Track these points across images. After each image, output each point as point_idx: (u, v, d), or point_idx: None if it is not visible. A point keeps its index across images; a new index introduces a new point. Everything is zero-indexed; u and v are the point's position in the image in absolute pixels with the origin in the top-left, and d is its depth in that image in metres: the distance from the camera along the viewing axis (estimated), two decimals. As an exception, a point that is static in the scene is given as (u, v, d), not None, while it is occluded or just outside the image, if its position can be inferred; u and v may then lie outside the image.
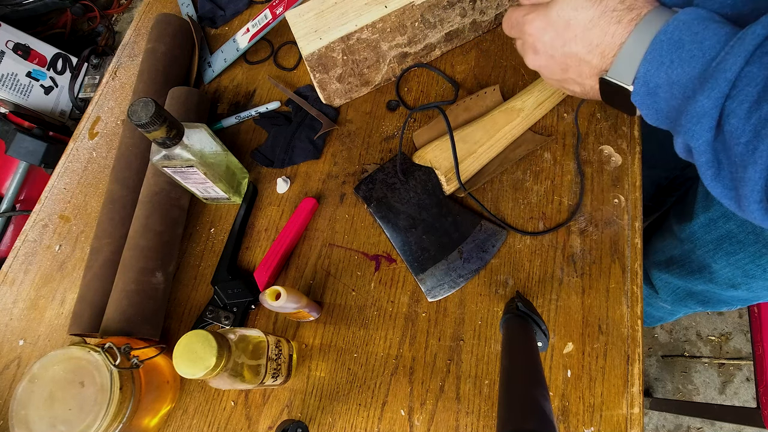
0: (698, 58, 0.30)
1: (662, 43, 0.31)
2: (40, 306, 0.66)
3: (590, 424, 0.48)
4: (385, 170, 0.61)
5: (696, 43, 0.30)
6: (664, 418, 1.22)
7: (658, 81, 0.32)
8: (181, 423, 0.55)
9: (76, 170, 0.75)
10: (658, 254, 0.76)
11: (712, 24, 0.30)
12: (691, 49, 0.30)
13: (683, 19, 0.31)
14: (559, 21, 0.37)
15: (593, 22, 0.35)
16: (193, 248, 0.64)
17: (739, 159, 0.28)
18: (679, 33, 0.30)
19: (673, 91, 0.31)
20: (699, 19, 0.30)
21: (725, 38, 0.29)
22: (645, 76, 0.32)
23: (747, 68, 0.28)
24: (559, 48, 0.38)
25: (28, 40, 1.65)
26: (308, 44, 0.59)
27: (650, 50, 0.31)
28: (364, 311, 0.56)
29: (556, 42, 0.38)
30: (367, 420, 0.52)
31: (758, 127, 0.27)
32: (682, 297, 0.78)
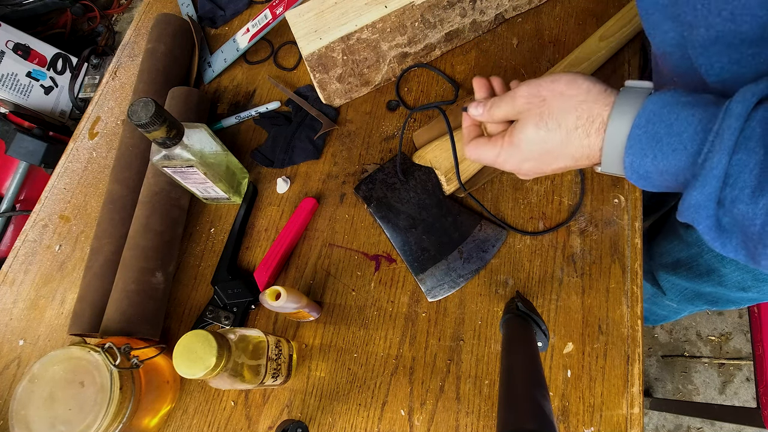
0: (680, 151, 0.31)
1: (639, 138, 0.32)
2: (40, 306, 0.66)
3: (590, 424, 0.48)
4: (385, 170, 0.61)
5: (674, 135, 0.31)
6: (664, 418, 1.22)
7: (647, 169, 0.33)
8: (181, 423, 0.55)
9: (76, 170, 0.74)
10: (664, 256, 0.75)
11: (683, 111, 0.31)
12: (671, 143, 0.31)
13: (651, 109, 0.32)
14: (532, 152, 0.39)
15: (564, 143, 0.36)
16: (193, 248, 0.64)
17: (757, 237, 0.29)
18: (653, 126, 0.31)
19: (664, 176, 0.33)
20: (667, 106, 0.31)
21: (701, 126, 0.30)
22: (632, 166, 0.33)
23: (735, 157, 0.28)
24: (547, 167, 0.40)
25: (28, 40, 1.65)
26: (308, 44, 0.59)
27: (629, 145, 0.33)
28: (364, 311, 0.56)
29: (541, 166, 0.40)
30: (367, 420, 0.52)
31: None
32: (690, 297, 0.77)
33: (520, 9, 0.67)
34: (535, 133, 0.37)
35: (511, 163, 0.41)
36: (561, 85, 0.37)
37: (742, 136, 0.28)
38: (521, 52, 0.65)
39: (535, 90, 0.38)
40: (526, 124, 0.38)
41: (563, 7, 0.67)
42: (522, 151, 0.39)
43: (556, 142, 0.37)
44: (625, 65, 0.61)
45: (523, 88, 0.39)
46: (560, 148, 0.37)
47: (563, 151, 0.37)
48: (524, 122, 0.38)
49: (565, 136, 0.36)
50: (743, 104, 0.29)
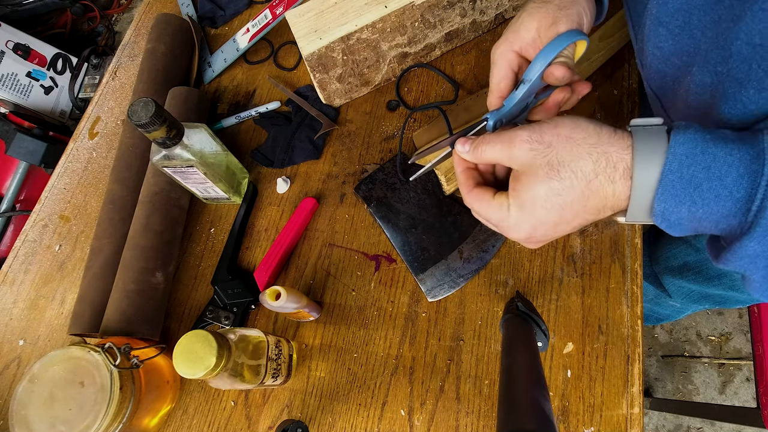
0: (725, 198, 0.28)
1: (673, 183, 0.29)
2: (40, 306, 0.66)
3: (590, 424, 0.48)
4: (385, 170, 0.61)
5: (714, 180, 0.28)
6: (664, 418, 1.22)
7: (680, 216, 0.30)
8: (181, 423, 0.55)
9: (76, 170, 0.74)
10: (670, 260, 0.74)
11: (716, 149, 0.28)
12: (713, 188, 0.28)
13: (681, 152, 0.28)
14: (550, 213, 0.33)
15: (585, 195, 0.32)
16: (193, 248, 0.64)
17: None
18: (689, 170, 0.28)
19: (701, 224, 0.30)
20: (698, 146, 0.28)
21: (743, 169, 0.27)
22: (663, 214, 0.30)
23: None
24: (566, 228, 0.34)
25: (28, 40, 1.65)
26: (308, 44, 0.59)
27: (661, 191, 0.29)
28: (364, 311, 0.56)
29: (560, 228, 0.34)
30: (367, 420, 0.52)
31: None
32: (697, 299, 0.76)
33: (520, 9, 0.67)
34: (548, 188, 0.32)
35: (522, 229, 0.35)
36: (566, 130, 0.32)
37: None
38: (521, 52, 0.65)
39: (537, 134, 0.33)
40: (535, 178, 0.32)
41: (563, 7, 0.67)
42: (534, 212, 0.33)
43: (575, 194, 0.32)
44: (625, 65, 0.61)
45: (523, 132, 0.33)
46: (581, 200, 0.32)
47: (585, 204, 0.32)
48: (531, 176, 0.33)
49: (585, 186, 0.31)
50: None
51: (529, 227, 0.34)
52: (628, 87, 0.60)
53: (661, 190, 0.29)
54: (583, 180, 0.31)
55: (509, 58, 0.40)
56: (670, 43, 0.37)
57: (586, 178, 0.31)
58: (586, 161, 0.31)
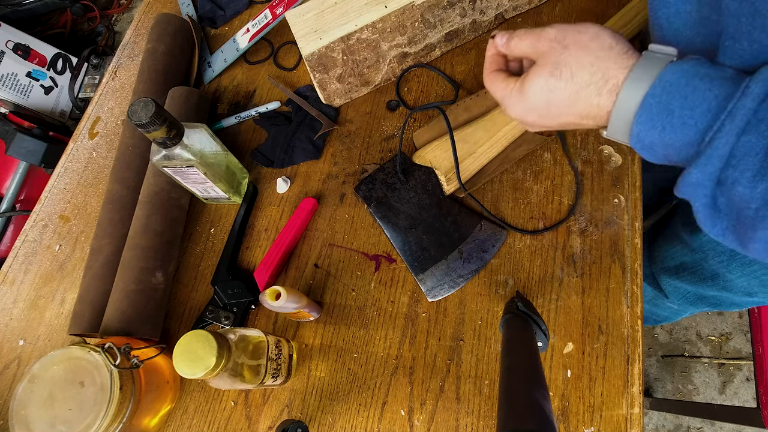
0: (690, 126, 0.30)
1: (651, 107, 0.31)
2: (40, 306, 0.66)
3: (590, 424, 0.48)
4: (385, 170, 0.61)
5: (686, 109, 0.30)
6: (664, 418, 1.22)
7: (653, 140, 0.32)
8: (181, 423, 0.55)
9: (76, 170, 0.75)
10: (667, 260, 0.74)
11: (700, 83, 0.30)
12: (682, 116, 0.30)
13: (669, 79, 0.31)
14: (539, 104, 0.38)
15: (573, 98, 0.35)
16: (193, 248, 0.64)
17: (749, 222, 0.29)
18: (668, 97, 0.30)
19: (668, 150, 0.32)
20: (685, 77, 0.30)
21: (716, 104, 0.29)
22: (638, 135, 0.33)
23: (744, 138, 0.28)
24: (551, 122, 0.39)
25: (28, 40, 1.65)
26: (308, 44, 0.59)
27: (640, 113, 0.32)
28: (364, 311, 0.56)
29: (545, 120, 0.39)
30: (367, 420, 0.52)
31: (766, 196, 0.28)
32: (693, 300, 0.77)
33: (520, 9, 0.67)
34: (545, 82, 0.36)
35: (517, 109, 0.40)
36: (586, 37, 0.35)
37: (755, 117, 0.28)
38: (521, 52, 0.65)
39: (562, 35, 0.36)
40: (540, 72, 0.37)
41: (563, 7, 0.67)
42: (528, 100, 0.38)
43: (564, 95, 0.36)
44: (625, 65, 0.61)
45: (552, 30, 0.37)
46: (568, 102, 0.36)
47: (570, 108, 0.36)
48: (539, 69, 0.37)
49: (576, 91, 0.35)
50: (763, 85, 0.28)
51: (522, 110, 0.39)
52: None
53: (640, 112, 0.32)
54: (575, 85, 0.35)
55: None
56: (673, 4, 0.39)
57: (578, 85, 0.35)
58: (586, 70, 0.34)
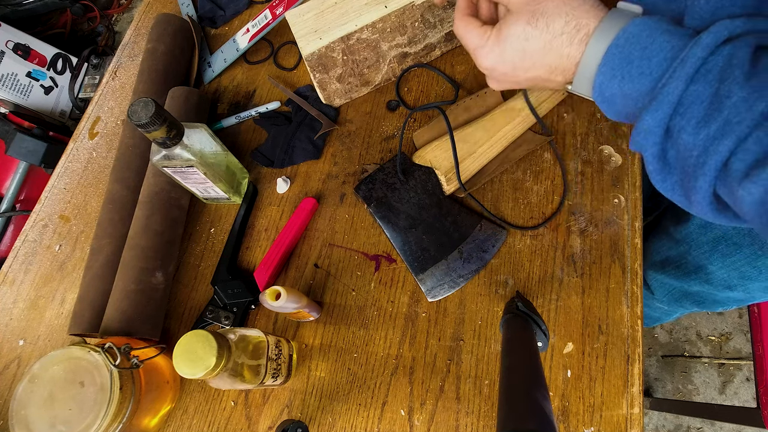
0: (646, 75, 0.31)
1: (613, 57, 0.32)
2: (40, 306, 0.66)
3: (590, 424, 0.48)
4: (385, 170, 0.61)
5: (644, 59, 0.31)
6: (664, 418, 1.22)
7: (613, 91, 0.33)
8: (181, 423, 0.55)
9: (76, 170, 0.75)
10: (654, 255, 0.76)
11: (660, 36, 0.31)
12: (640, 65, 0.31)
13: (632, 31, 0.32)
14: (514, 53, 0.37)
15: (546, 48, 0.36)
16: (193, 248, 0.64)
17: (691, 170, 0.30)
18: (629, 47, 0.31)
19: (626, 101, 0.33)
20: (647, 29, 0.31)
21: (671, 54, 0.30)
22: (600, 87, 0.33)
23: (692, 87, 0.29)
24: (521, 75, 0.39)
25: (28, 40, 1.65)
26: (308, 44, 0.59)
27: (603, 63, 0.33)
28: (364, 311, 0.56)
29: (517, 72, 0.39)
30: (367, 420, 0.52)
31: (707, 143, 0.29)
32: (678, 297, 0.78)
33: (520, 9, 0.67)
34: (523, 30, 0.36)
35: (490, 59, 0.39)
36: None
37: (704, 67, 0.29)
38: (521, 52, 0.65)
39: None
40: (518, 19, 0.37)
41: (563, 7, 0.67)
42: (504, 48, 0.37)
43: (539, 44, 0.36)
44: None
45: None
46: (540, 52, 0.36)
47: (542, 58, 0.36)
48: (516, 17, 0.37)
49: (549, 40, 0.35)
50: (713, 36, 0.29)
51: (495, 60, 0.39)
52: (628, 87, 0.60)
53: (603, 62, 0.33)
54: (550, 34, 0.35)
55: None
56: None
57: (552, 34, 0.35)
58: (561, 19, 0.35)
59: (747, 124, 0.27)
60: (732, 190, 0.28)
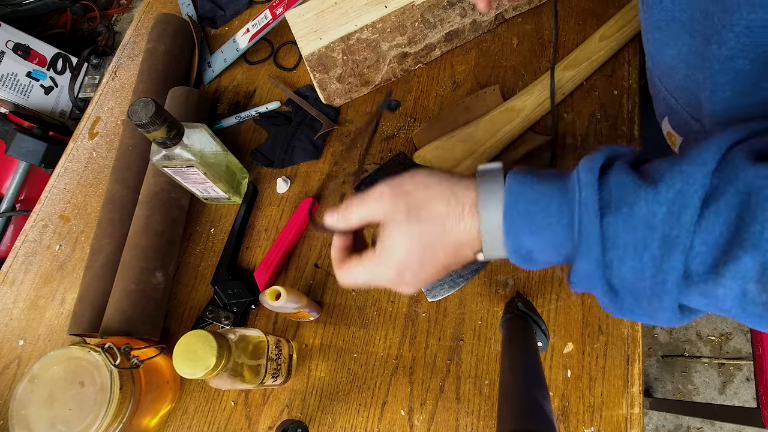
0: (554, 225, 0.31)
1: (513, 218, 0.32)
2: (40, 306, 0.66)
3: (590, 424, 0.48)
4: (385, 170, 0.61)
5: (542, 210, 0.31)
6: (664, 418, 1.22)
7: (528, 247, 0.32)
8: (181, 423, 0.55)
9: (76, 170, 0.75)
10: None
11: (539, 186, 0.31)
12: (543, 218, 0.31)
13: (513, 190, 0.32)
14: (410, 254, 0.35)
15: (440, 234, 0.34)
16: (193, 248, 0.64)
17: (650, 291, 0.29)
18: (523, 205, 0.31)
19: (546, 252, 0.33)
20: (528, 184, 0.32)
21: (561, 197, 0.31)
22: (514, 247, 0.33)
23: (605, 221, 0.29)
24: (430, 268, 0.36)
25: (28, 40, 1.65)
26: (308, 44, 0.59)
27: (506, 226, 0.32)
28: (364, 311, 0.56)
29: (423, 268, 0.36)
30: (367, 420, 0.52)
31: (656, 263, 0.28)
32: None
33: (520, 9, 0.67)
34: (408, 231, 0.34)
35: (389, 275, 0.36)
36: (421, 177, 0.35)
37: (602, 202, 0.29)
38: (521, 52, 0.65)
39: (398, 185, 0.36)
40: (396, 224, 0.35)
41: (563, 7, 0.67)
42: (396, 256, 0.35)
43: (434, 235, 0.34)
44: (625, 65, 0.61)
45: (383, 186, 0.36)
46: (440, 240, 0.34)
47: (443, 243, 0.34)
48: (393, 222, 0.35)
49: (441, 225, 0.34)
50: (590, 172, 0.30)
51: (395, 271, 0.36)
52: (628, 87, 0.60)
53: (505, 225, 0.32)
54: (438, 220, 0.34)
55: None
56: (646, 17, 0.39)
57: (441, 218, 0.34)
58: (440, 202, 0.34)
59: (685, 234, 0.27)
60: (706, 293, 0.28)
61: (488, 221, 0.33)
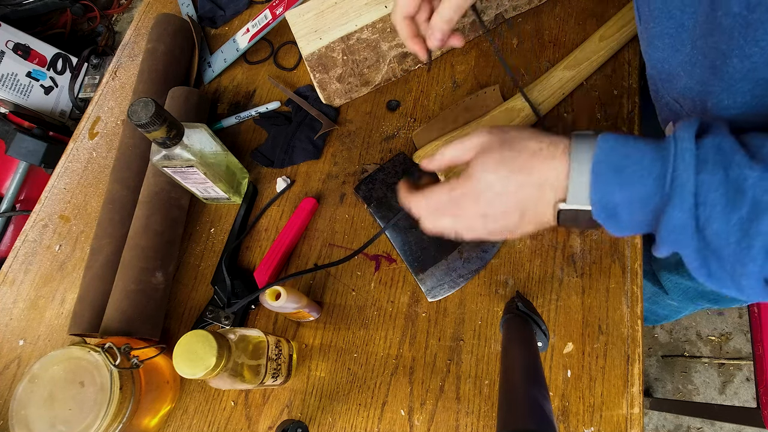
0: (646, 177, 0.31)
1: (603, 171, 0.32)
2: (40, 306, 0.66)
3: (590, 424, 0.48)
4: (385, 170, 0.61)
5: (635, 164, 0.32)
6: (664, 418, 1.22)
7: (615, 202, 0.33)
8: (181, 423, 0.55)
9: (76, 170, 0.75)
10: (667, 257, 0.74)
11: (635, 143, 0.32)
12: (635, 170, 0.31)
13: (606, 146, 0.32)
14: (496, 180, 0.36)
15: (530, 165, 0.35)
16: (193, 248, 0.64)
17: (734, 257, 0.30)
18: (614, 157, 0.32)
19: (633, 207, 0.33)
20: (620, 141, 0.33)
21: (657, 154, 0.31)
22: (600, 201, 0.33)
23: (700, 177, 0.29)
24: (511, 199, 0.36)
25: (28, 40, 1.65)
26: (308, 44, 0.59)
27: (594, 178, 0.33)
28: (364, 311, 0.56)
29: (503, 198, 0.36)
30: (367, 420, 0.52)
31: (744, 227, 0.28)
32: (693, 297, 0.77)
33: (520, 9, 0.67)
34: (500, 155, 0.36)
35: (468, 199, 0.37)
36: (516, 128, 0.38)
37: (699, 158, 0.30)
38: (521, 52, 0.65)
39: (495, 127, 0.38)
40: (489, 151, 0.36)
41: (563, 7, 0.67)
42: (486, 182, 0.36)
43: (521, 162, 0.35)
44: (625, 65, 0.61)
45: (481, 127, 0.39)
46: (526, 169, 0.35)
47: (531, 173, 0.35)
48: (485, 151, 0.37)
49: (531, 156, 0.35)
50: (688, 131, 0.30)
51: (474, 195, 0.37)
52: (628, 87, 0.60)
53: (594, 178, 0.33)
54: (529, 152, 0.35)
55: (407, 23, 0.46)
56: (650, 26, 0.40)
57: (533, 151, 0.35)
58: (534, 140, 0.36)
59: None
60: None
61: (578, 169, 0.33)
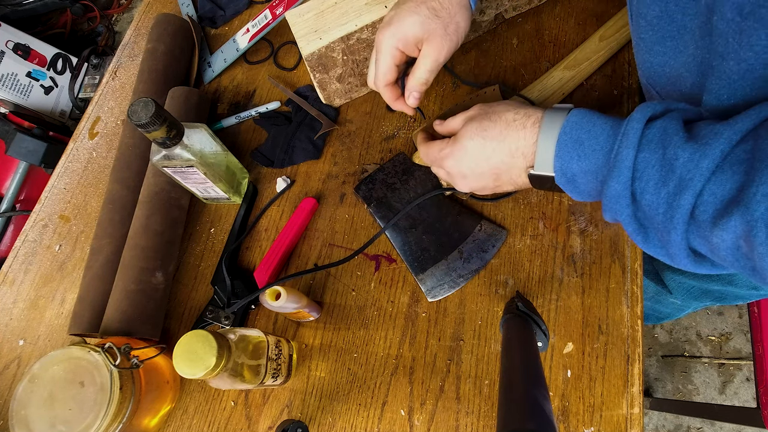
0: (598, 151, 0.36)
1: (566, 143, 0.38)
2: (40, 306, 0.66)
3: (590, 424, 0.48)
4: (385, 170, 0.61)
5: (592, 138, 0.37)
6: (664, 418, 1.22)
7: (573, 171, 0.38)
8: (181, 423, 0.55)
9: (76, 170, 0.75)
10: None
11: (599, 120, 0.37)
12: (591, 145, 0.37)
13: (574, 120, 0.38)
14: (473, 145, 0.44)
15: (503, 134, 0.42)
16: (193, 248, 0.64)
17: (662, 226, 0.34)
18: (577, 132, 0.37)
19: (587, 177, 0.38)
20: (587, 117, 0.38)
21: (612, 131, 0.36)
22: (561, 169, 0.39)
23: (641, 154, 0.34)
24: (484, 164, 0.44)
25: (28, 40, 1.65)
26: (308, 44, 0.59)
27: (558, 148, 0.38)
28: (364, 311, 0.56)
29: (479, 162, 0.44)
30: (367, 420, 0.52)
31: (669, 200, 0.33)
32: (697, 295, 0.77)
33: (520, 9, 0.67)
34: (479, 125, 0.43)
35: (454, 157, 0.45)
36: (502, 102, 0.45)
37: (644, 138, 0.34)
38: (521, 52, 0.66)
39: (486, 104, 0.46)
40: (473, 120, 0.44)
41: (563, 7, 0.67)
42: (463, 144, 0.44)
43: (496, 131, 0.42)
44: (625, 65, 0.61)
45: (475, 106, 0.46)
46: (499, 138, 0.42)
47: (501, 145, 0.42)
48: (470, 121, 0.45)
49: (505, 126, 0.42)
50: (642, 113, 0.34)
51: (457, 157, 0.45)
52: (628, 87, 0.60)
53: (558, 148, 0.38)
54: (504, 123, 0.42)
55: (394, 54, 0.49)
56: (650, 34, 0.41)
57: (507, 122, 0.42)
58: (512, 111, 0.43)
59: (698, 180, 0.31)
60: (707, 239, 0.32)
61: (545, 139, 0.39)
